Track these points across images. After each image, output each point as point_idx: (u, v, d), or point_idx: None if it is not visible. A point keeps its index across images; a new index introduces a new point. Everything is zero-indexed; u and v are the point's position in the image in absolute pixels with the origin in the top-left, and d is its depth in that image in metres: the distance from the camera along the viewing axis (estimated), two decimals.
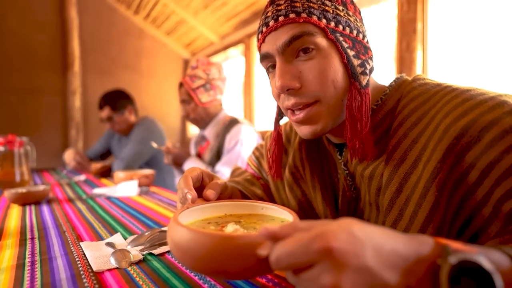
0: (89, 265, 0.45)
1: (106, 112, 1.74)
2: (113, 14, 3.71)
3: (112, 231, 0.63)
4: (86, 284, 0.40)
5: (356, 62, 0.47)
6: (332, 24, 0.46)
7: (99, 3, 3.62)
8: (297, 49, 0.46)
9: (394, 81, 0.52)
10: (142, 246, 0.52)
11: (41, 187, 0.98)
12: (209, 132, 1.41)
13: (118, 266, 0.44)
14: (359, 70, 0.47)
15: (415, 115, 0.45)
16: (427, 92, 0.46)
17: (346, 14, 0.47)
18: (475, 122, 0.38)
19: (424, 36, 1.83)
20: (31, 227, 0.67)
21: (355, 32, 0.48)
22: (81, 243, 0.54)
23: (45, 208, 0.86)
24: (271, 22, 0.47)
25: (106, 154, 2.07)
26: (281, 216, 0.40)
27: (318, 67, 0.46)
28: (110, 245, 0.52)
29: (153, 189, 1.18)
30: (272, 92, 0.53)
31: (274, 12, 0.47)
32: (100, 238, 0.59)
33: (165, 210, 0.82)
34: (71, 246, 0.55)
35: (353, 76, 0.47)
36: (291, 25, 0.45)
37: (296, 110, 0.49)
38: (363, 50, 0.48)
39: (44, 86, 3.29)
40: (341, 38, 0.46)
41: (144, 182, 1.21)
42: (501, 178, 0.36)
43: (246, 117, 3.32)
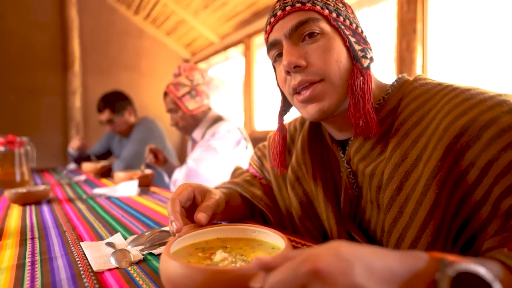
0: (89, 265, 0.45)
1: (106, 115, 1.74)
2: (113, 14, 3.71)
3: (112, 231, 0.63)
4: (86, 284, 0.40)
5: (357, 47, 0.50)
6: (333, 14, 0.50)
7: (99, 3, 3.62)
8: (303, 33, 0.50)
9: (396, 80, 0.54)
10: (142, 246, 0.52)
11: (41, 187, 0.98)
12: (197, 133, 1.41)
13: (118, 266, 0.44)
14: (360, 53, 0.50)
15: (416, 115, 0.46)
16: (428, 92, 0.47)
17: (345, 11, 0.52)
18: (475, 121, 0.39)
19: (424, 36, 1.83)
20: (31, 227, 0.67)
21: (354, 25, 0.52)
22: (81, 243, 0.54)
23: (45, 208, 0.86)
24: (279, 12, 0.51)
25: (106, 154, 2.07)
26: (272, 240, 0.40)
27: (323, 48, 0.49)
28: (110, 245, 0.52)
29: (153, 189, 1.18)
30: (278, 79, 0.56)
31: (282, 4, 0.52)
32: (100, 238, 0.59)
33: (165, 210, 0.82)
34: (71, 246, 0.55)
35: (355, 58, 0.50)
36: (298, 12, 0.50)
37: (302, 90, 0.51)
38: (363, 41, 0.52)
39: (44, 86, 3.29)
40: (342, 26, 0.50)
41: (144, 182, 1.22)
42: (499, 176, 0.37)
43: (246, 117, 3.32)
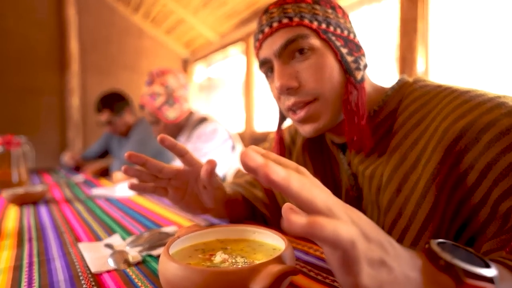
0: (87, 266, 0.45)
1: (106, 115, 1.73)
2: (112, 13, 3.70)
3: (110, 232, 0.63)
4: (84, 285, 0.39)
5: (349, 59, 0.49)
6: (323, 25, 0.49)
7: (98, 2, 3.61)
8: (293, 51, 0.49)
9: (396, 83, 0.53)
10: (141, 247, 0.51)
11: (39, 188, 0.97)
12: (182, 138, 1.37)
13: (116, 267, 0.44)
14: (353, 66, 0.49)
15: (416, 117, 0.46)
16: (428, 93, 0.47)
17: (335, 17, 0.50)
18: (473, 124, 0.39)
19: (425, 35, 1.83)
20: (29, 228, 0.66)
21: (346, 32, 0.50)
22: (79, 244, 0.54)
23: (43, 208, 0.85)
24: (266, 29, 0.50)
25: (104, 154, 2.06)
26: (272, 242, 0.39)
27: (314, 66, 0.48)
28: (108, 246, 0.52)
29: None
30: (273, 95, 0.56)
31: (268, 19, 0.50)
32: (98, 239, 0.58)
33: (164, 210, 0.81)
34: (69, 247, 0.54)
35: (348, 71, 0.49)
36: (285, 29, 0.48)
37: (297, 109, 0.51)
38: (355, 48, 0.51)
39: (42, 85, 3.28)
40: (333, 38, 0.49)
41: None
42: (498, 179, 0.37)
43: (246, 117, 3.32)
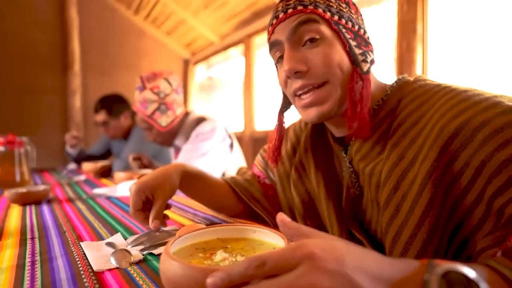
0: (89, 265, 0.45)
1: (102, 116, 1.74)
2: (113, 14, 3.71)
3: (112, 231, 0.63)
4: (86, 284, 0.40)
5: (357, 51, 0.50)
6: (335, 17, 0.50)
7: (99, 3, 3.62)
8: (304, 38, 0.50)
9: (395, 81, 0.54)
10: (143, 246, 0.52)
11: (41, 187, 0.98)
12: (180, 140, 1.34)
13: (118, 266, 0.44)
14: (361, 58, 0.50)
15: (414, 116, 0.47)
16: (427, 92, 0.48)
17: (348, 11, 0.52)
18: (469, 122, 0.39)
19: (424, 36, 1.83)
20: (31, 227, 0.67)
21: (357, 27, 0.52)
22: (81, 243, 0.54)
23: (45, 208, 0.86)
24: (281, 15, 0.51)
25: (106, 154, 2.07)
26: (272, 240, 0.40)
27: (323, 52, 0.49)
28: (110, 245, 0.52)
29: None
30: (279, 81, 0.56)
31: (284, 6, 0.52)
32: (100, 238, 0.59)
33: (166, 210, 0.82)
34: (71, 246, 0.55)
35: (355, 63, 0.50)
36: (299, 14, 0.50)
37: (303, 94, 0.52)
38: (364, 43, 0.52)
39: (44, 86, 3.29)
40: (343, 30, 0.50)
41: None
42: (492, 176, 0.37)
43: (246, 117, 3.32)
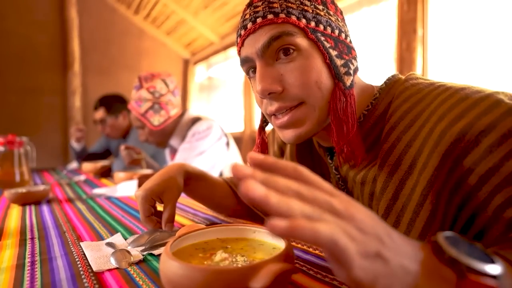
0: (89, 265, 0.45)
1: (100, 113, 1.75)
2: (113, 14, 3.71)
3: (112, 231, 0.63)
4: (86, 284, 0.40)
5: (339, 62, 0.45)
6: (312, 23, 0.44)
7: (99, 3, 3.62)
8: (277, 50, 0.45)
9: (385, 82, 0.50)
10: (143, 247, 0.52)
11: (41, 187, 0.98)
12: (175, 140, 1.33)
13: (118, 266, 0.44)
14: (343, 70, 0.45)
15: (408, 117, 0.44)
16: (420, 92, 0.45)
17: (326, 14, 0.46)
18: (472, 126, 0.37)
19: (424, 36, 1.83)
20: (31, 227, 0.67)
21: (337, 31, 0.47)
22: (81, 243, 0.54)
23: (45, 208, 0.86)
24: (249, 25, 0.46)
25: (106, 154, 2.07)
26: (272, 241, 0.40)
27: (300, 69, 0.44)
28: (110, 245, 0.52)
29: None
30: (255, 97, 0.51)
31: (252, 14, 0.46)
32: (100, 238, 0.59)
33: None
34: (71, 246, 0.54)
35: (336, 76, 0.45)
36: (270, 26, 0.44)
37: (279, 114, 0.48)
38: (346, 50, 0.47)
39: (44, 86, 3.29)
40: (322, 38, 0.45)
41: (144, 182, 1.21)
42: (501, 185, 0.36)
43: (246, 117, 3.32)
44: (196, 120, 1.32)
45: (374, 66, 2.11)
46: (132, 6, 3.72)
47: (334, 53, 0.45)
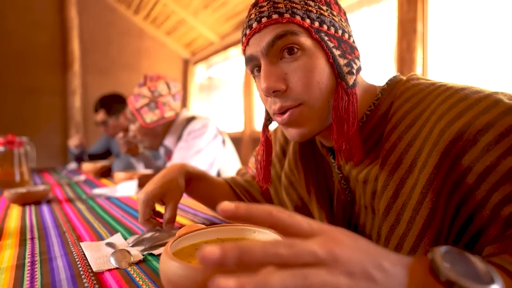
0: (89, 265, 0.45)
1: (101, 115, 1.75)
2: (113, 14, 3.71)
3: (112, 231, 0.63)
4: (86, 284, 0.40)
5: (342, 62, 0.46)
6: (316, 24, 0.45)
7: (99, 3, 3.62)
8: (281, 49, 0.45)
9: (387, 82, 0.51)
10: (143, 247, 0.52)
11: (41, 187, 0.98)
12: (169, 140, 1.32)
13: (118, 266, 0.44)
14: (346, 69, 0.46)
15: (409, 117, 0.44)
16: (421, 92, 0.45)
17: (330, 14, 0.47)
18: (471, 125, 0.37)
19: (424, 36, 1.83)
20: (31, 227, 0.67)
21: (340, 31, 0.47)
22: (81, 243, 0.54)
23: (45, 208, 0.86)
24: (254, 24, 0.46)
25: (106, 154, 2.07)
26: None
27: (304, 68, 0.45)
28: (110, 245, 0.52)
29: None
30: (259, 95, 0.53)
31: (257, 14, 0.46)
32: (100, 238, 0.59)
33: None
34: (71, 246, 0.54)
35: (339, 75, 0.46)
36: (275, 25, 0.45)
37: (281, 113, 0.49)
38: (349, 50, 0.48)
39: (44, 86, 3.29)
40: (326, 38, 0.45)
41: (144, 182, 1.21)
42: (499, 183, 0.36)
43: (246, 117, 3.32)
44: (191, 119, 1.32)
45: (374, 66, 2.11)
46: (132, 6, 3.72)
47: (337, 52, 0.46)
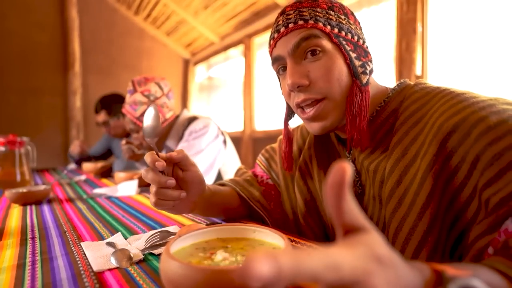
0: (89, 265, 0.45)
1: (102, 116, 1.76)
2: (113, 15, 3.72)
3: (113, 231, 0.63)
4: (86, 283, 0.40)
5: (357, 63, 0.53)
6: (335, 30, 0.52)
7: (100, 4, 3.62)
8: (305, 51, 0.52)
9: (397, 85, 0.57)
10: (143, 246, 0.52)
11: (41, 187, 0.98)
12: (171, 142, 1.31)
13: (118, 265, 0.45)
14: (360, 70, 0.53)
15: (416, 116, 0.50)
16: (428, 95, 0.51)
17: (347, 23, 0.54)
18: (465, 120, 0.42)
19: (423, 36, 1.84)
20: (32, 227, 0.67)
21: (356, 37, 0.54)
22: (81, 243, 0.54)
23: (45, 208, 0.86)
24: (282, 29, 0.53)
25: (107, 154, 2.07)
26: (272, 240, 0.40)
27: (325, 67, 0.51)
28: (110, 244, 0.53)
29: None
30: (283, 92, 0.59)
31: (285, 20, 0.54)
32: (101, 238, 0.59)
33: (166, 211, 0.82)
34: (72, 246, 0.55)
35: (354, 75, 0.52)
36: (300, 30, 0.52)
37: (306, 107, 0.54)
38: (363, 53, 0.54)
39: (44, 86, 3.29)
40: (344, 42, 0.52)
41: (144, 182, 1.22)
42: (484, 169, 0.39)
43: (246, 117, 3.32)
44: (192, 119, 1.31)
45: (374, 66, 2.11)
46: (132, 7, 3.72)
47: (353, 55, 0.53)
